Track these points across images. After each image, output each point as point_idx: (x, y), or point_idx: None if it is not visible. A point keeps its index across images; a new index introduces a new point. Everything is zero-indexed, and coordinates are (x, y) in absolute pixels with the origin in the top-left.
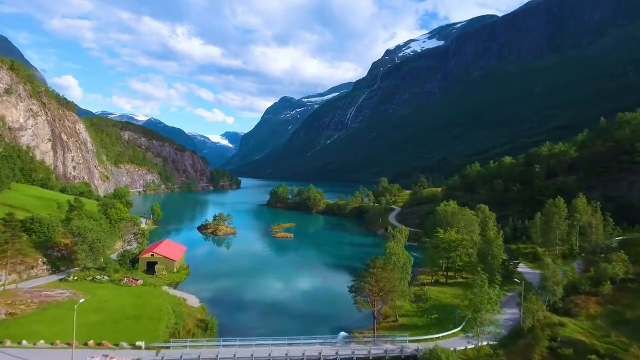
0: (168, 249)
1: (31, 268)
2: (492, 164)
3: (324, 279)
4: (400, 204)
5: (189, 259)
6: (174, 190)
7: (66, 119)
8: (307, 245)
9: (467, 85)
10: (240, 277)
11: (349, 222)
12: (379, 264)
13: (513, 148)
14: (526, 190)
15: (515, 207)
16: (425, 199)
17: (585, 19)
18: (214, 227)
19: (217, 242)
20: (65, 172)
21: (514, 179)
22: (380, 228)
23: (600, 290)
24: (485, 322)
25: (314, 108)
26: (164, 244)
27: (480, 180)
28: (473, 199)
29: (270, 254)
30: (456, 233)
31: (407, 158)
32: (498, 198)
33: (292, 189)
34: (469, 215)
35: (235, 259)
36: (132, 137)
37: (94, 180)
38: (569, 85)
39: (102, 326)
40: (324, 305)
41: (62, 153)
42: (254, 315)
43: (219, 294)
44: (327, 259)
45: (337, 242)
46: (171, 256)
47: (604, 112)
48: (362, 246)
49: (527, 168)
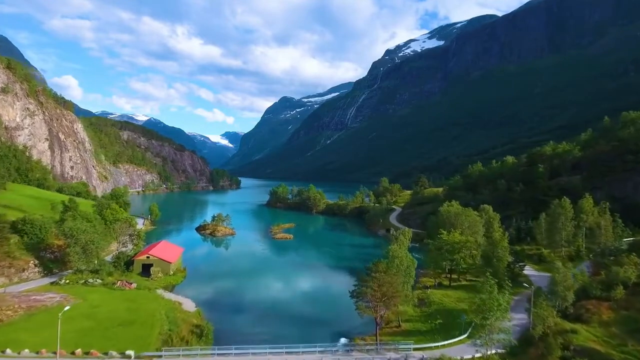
0: (164, 251)
1: (22, 271)
2: (494, 163)
3: (324, 281)
4: (401, 204)
5: (186, 260)
6: (173, 190)
7: (64, 118)
8: (307, 246)
9: (467, 85)
10: (238, 279)
11: (349, 223)
12: (382, 267)
13: (514, 148)
14: (529, 190)
15: (518, 207)
16: (426, 199)
17: (586, 19)
18: (212, 228)
19: (215, 243)
20: (62, 172)
21: (517, 179)
22: (381, 229)
23: (612, 295)
24: (495, 330)
25: (314, 108)
26: (160, 245)
27: (482, 180)
28: (475, 199)
29: (269, 255)
30: (460, 234)
31: (407, 158)
32: (500, 198)
33: (292, 189)
34: (473, 216)
35: (234, 260)
36: (131, 137)
37: (92, 180)
38: (569, 85)
39: (92, 333)
40: (324, 309)
41: (60, 153)
42: (252, 319)
43: (216, 297)
44: (327, 260)
45: (337, 243)
46: (167, 258)
47: (604, 112)
48: (362, 247)
49: (529, 168)
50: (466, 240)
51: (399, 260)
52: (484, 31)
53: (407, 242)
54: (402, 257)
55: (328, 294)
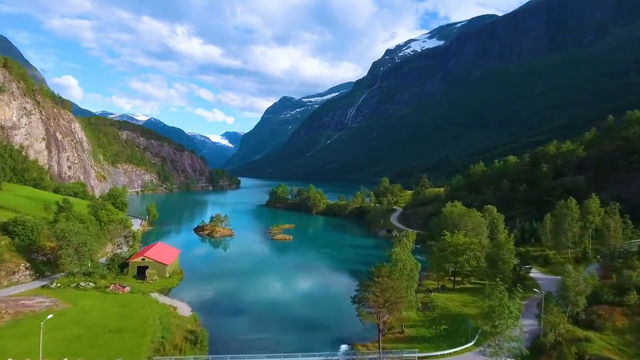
0: (160, 253)
1: (12, 274)
2: (496, 163)
3: (324, 284)
4: (402, 204)
5: (183, 262)
6: (172, 191)
7: (61, 117)
8: (306, 247)
9: (467, 85)
10: (236, 282)
11: (349, 223)
12: (385, 272)
13: (515, 148)
14: (533, 190)
15: (522, 208)
16: (428, 199)
17: (587, 18)
18: (210, 229)
19: (213, 244)
20: (60, 172)
21: (520, 179)
22: (382, 229)
23: (625, 300)
24: (506, 339)
25: (314, 108)
26: (156, 247)
27: (485, 180)
28: (478, 199)
29: (268, 257)
30: (464, 236)
31: (407, 158)
32: (504, 198)
33: (292, 189)
34: (477, 218)
35: (231, 262)
36: (130, 136)
37: (90, 180)
38: (569, 85)
39: (80, 341)
40: (324, 313)
41: (57, 152)
42: (249, 324)
43: (213, 300)
44: (328, 262)
45: (338, 244)
46: (163, 260)
47: (605, 112)
48: (363, 248)
49: (533, 167)
50: (470, 242)
51: (402, 264)
52: (484, 31)
53: (410, 244)
54: (405, 260)
55: (328, 297)
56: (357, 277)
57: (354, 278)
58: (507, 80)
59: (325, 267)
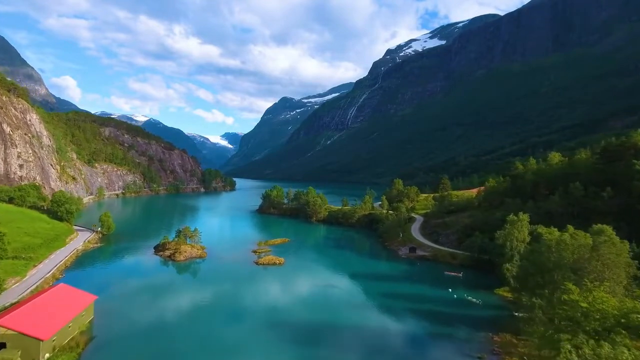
0: (38, 314)
1: None
2: (558, 158)
3: (329, 354)
4: (420, 211)
5: (111, 311)
6: (158, 193)
7: (12, 107)
8: (303, 276)
9: (470, 85)
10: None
11: (357, 235)
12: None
13: (523, 148)
14: (621, 196)
15: (604, 220)
16: (455, 205)
17: (592, 17)
18: (174, 248)
19: (171, 272)
20: (7, 172)
21: (597, 180)
22: (402, 246)
23: None
24: None
25: (314, 108)
26: (39, 299)
27: (542, 182)
28: (537, 208)
29: (245, 298)
30: (601, 289)
31: (409, 158)
32: (576, 208)
33: (288, 192)
34: (620, 249)
35: (185, 311)
36: (113, 133)
37: (50, 181)
38: (576, 84)
39: None
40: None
41: (4, 148)
42: None
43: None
44: (334, 312)
45: (347, 270)
46: (37, 331)
47: (612, 111)
48: (384, 279)
49: (610, 164)
50: (631, 309)
51: None
52: (487, 30)
53: None
54: None
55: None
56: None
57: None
58: (511, 80)
59: (330, 323)
